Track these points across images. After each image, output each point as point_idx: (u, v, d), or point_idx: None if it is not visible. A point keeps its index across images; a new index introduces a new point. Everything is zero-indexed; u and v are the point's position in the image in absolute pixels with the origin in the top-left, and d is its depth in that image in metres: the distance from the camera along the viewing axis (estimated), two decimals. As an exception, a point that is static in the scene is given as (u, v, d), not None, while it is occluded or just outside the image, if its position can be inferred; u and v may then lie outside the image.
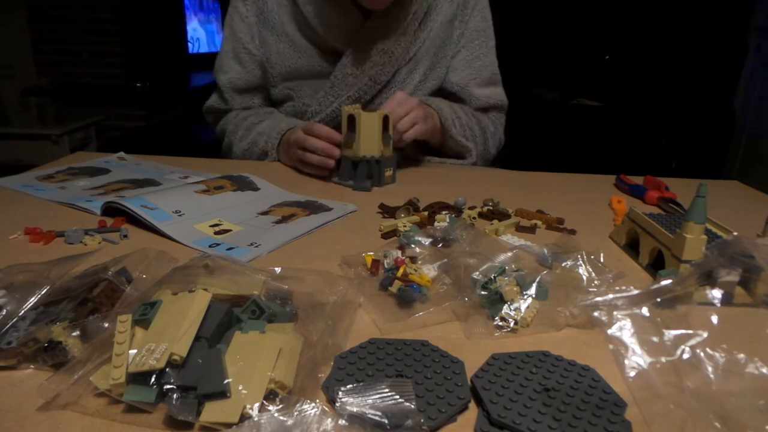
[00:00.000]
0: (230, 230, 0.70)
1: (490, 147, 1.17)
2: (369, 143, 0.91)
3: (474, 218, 0.77)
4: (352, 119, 0.91)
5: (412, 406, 0.35)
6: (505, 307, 0.49)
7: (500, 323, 0.48)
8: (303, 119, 1.11)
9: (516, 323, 0.48)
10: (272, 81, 1.11)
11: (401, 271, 0.53)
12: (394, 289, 0.52)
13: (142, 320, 0.40)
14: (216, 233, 0.69)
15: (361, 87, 1.05)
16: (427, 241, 0.63)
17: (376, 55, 1.03)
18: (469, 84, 1.13)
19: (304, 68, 1.07)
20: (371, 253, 0.58)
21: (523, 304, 0.49)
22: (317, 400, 0.35)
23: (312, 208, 0.80)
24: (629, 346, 0.44)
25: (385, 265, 0.56)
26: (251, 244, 0.65)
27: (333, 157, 0.93)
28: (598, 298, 0.49)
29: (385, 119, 0.91)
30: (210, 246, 0.65)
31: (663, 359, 0.42)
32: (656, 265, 0.61)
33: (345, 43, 1.04)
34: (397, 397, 0.36)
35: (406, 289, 0.51)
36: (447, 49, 1.11)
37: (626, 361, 0.43)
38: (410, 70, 1.08)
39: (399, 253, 0.58)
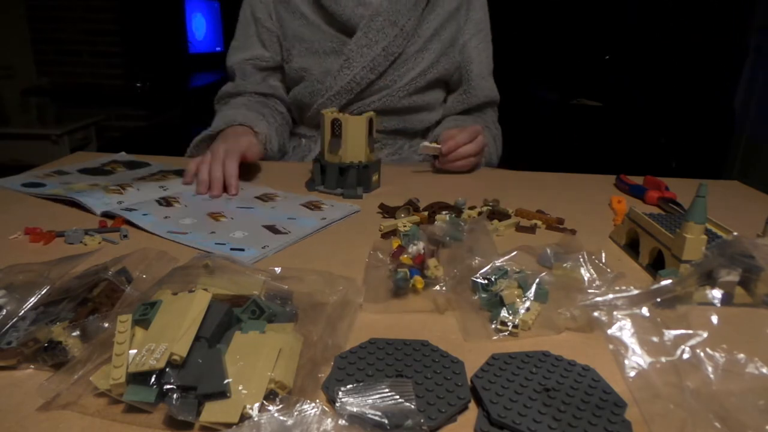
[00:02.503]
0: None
1: (495, 159, 1.23)
2: (356, 149, 0.88)
3: (474, 218, 0.77)
4: (336, 124, 0.87)
5: (412, 406, 0.35)
6: (504, 310, 0.49)
7: (499, 326, 0.48)
8: (317, 96, 1.13)
9: (515, 326, 0.48)
10: (287, 57, 1.15)
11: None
12: (406, 259, 0.54)
13: (142, 320, 0.40)
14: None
15: (375, 57, 1.08)
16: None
17: (387, 27, 1.08)
18: (480, 74, 1.19)
19: (317, 45, 1.11)
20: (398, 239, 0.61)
21: (523, 307, 0.49)
22: (317, 400, 0.35)
23: (315, 207, 0.81)
24: (629, 346, 0.44)
25: (410, 251, 0.56)
26: (264, 247, 0.65)
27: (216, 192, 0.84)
28: (599, 298, 0.49)
29: (370, 122, 0.89)
30: (216, 244, 0.65)
31: (663, 359, 0.42)
32: (656, 265, 0.61)
33: (357, 18, 1.08)
34: (397, 397, 0.36)
35: (397, 277, 0.52)
36: (456, 38, 1.16)
37: (626, 361, 0.43)
38: (420, 49, 1.11)
39: (422, 247, 0.57)
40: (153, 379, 0.36)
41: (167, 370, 0.36)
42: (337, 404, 0.36)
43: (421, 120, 1.18)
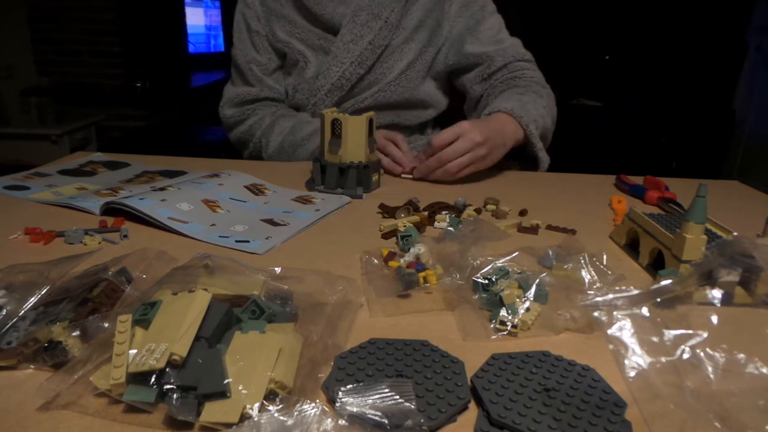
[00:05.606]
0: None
1: (551, 127, 1.14)
2: (356, 149, 0.87)
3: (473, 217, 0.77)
4: (336, 124, 0.87)
5: (412, 406, 0.35)
6: (503, 310, 0.49)
7: (498, 326, 0.48)
8: (311, 96, 1.13)
9: (514, 327, 0.48)
10: (280, 54, 1.16)
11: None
12: (394, 263, 0.55)
13: (142, 320, 0.40)
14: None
15: (362, 52, 1.09)
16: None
17: (371, 21, 1.08)
18: (480, 47, 1.13)
19: (305, 44, 1.12)
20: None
21: (523, 308, 0.49)
22: (317, 400, 0.35)
23: (306, 201, 0.82)
24: (629, 346, 0.44)
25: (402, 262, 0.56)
26: (268, 238, 0.67)
27: (404, 167, 1.00)
28: (599, 298, 0.49)
29: (370, 123, 0.88)
30: (220, 237, 0.66)
31: (663, 359, 0.42)
32: (656, 265, 0.61)
33: (339, 17, 1.09)
34: (397, 397, 0.36)
35: (405, 272, 0.53)
36: (443, 25, 1.14)
37: (626, 361, 0.43)
38: (406, 39, 1.11)
39: (421, 248, 0.57)
40: (153, 379, 0.36)
41: (167, 370, 0.36)
42: (337, 404, 0.36)
43: (416, 116, 1.17)
